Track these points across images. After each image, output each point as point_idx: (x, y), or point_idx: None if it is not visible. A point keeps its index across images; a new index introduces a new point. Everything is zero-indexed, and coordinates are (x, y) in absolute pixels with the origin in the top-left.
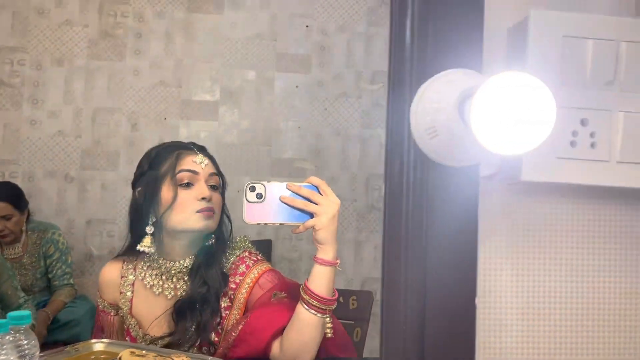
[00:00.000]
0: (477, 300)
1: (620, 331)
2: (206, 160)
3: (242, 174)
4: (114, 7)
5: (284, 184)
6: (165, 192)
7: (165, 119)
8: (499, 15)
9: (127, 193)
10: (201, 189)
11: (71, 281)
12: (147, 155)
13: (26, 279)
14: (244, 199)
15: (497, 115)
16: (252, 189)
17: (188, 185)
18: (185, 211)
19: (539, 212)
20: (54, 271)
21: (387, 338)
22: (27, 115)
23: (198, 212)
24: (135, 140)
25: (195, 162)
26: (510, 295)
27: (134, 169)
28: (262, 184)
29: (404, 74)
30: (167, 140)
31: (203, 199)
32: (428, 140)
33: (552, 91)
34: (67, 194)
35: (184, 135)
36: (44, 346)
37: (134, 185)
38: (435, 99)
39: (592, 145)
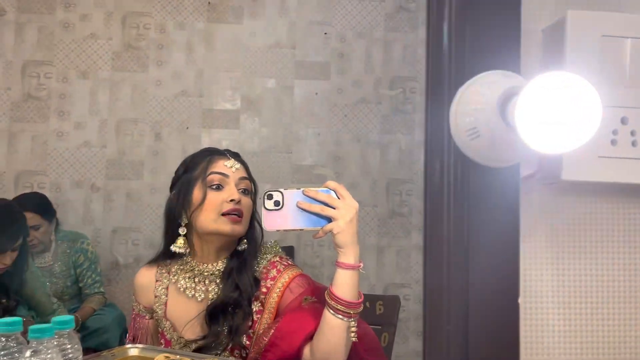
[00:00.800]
0: (520, 300)
1: None
2: (237, 165)
3: (264, 181)
4: (137, 19)
5: (301, 189)
6: (196, 193)
7: (187, 128)
8: (534, 17)
9: (151, 202)
10: (230, 191)
11: (101, 289)
12: (184, 161)
13: (57, 287)
14: (263, 208)
15: (542, 115)
16: (270, 196)
17: (218, 187)
18: (213, 212)
19: (580, 211)
20: (85, 280)
21: (431, 339)
22: (54, 127)
23: (224, 214)
24: (159, 150)
25: (226, 166)
26: (552, 294)
27: (158, 178)
28: (279, 191)
29: (442, 77)
30: (189, 149)
31: (232, 200)
32: (469, 141)
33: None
34: (93, 204)
35: (206, 144)
36: None
37: (171, 189)
38: (475, 100)
39: (633, 143)
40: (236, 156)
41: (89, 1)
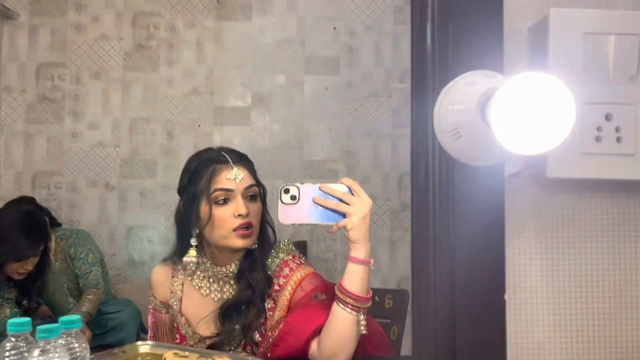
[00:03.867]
0: (506, 296)
1: None
2: (241, 174)
3: (276, 177)
4: (147, 19)
5: (317, 185)
6: (203, 209)
7: (199, 126)
8: (518, 15)
9: (165, 200)
10: (237, 205)
11: (98, 281)
12: (187, 167)
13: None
14: (279, 201)
15: (516, 115)
16: (287, 191)
17: (225, 201)
18: (223, 228)
19: (566, 207)
20: (78, 272)
21: (419, 335)
22: (69, 128)
23: (235, 230)
24: (171, 148)
25: (229, 179)
26: (541, 290)
27: (171, 176)
28: (295, 186)
29: (426, 77)
30: (201, 147)
31: (239, 215)
32: (451, 141)
33: (575, 88)
34: (108, 203)
35: (218, 142)
36: (92, 350)
37: (179, 194)
38: (457, 100)
39: (618, 139)
40: (240, 160)
41: (100, 2)
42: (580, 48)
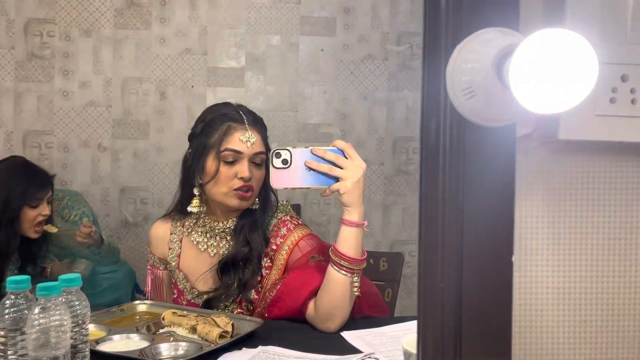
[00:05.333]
0: (513, 258)
1: None
2: (254, 138)
3: (270, 140)
4: None
5: (309, 148)
6: (210, 163)
7: (192, 87)
8: None
9: (158, 161)
10: (242, 168)
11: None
12: (203, 116)
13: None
14: (271, 165)
15: (537, 73)
16: (278, 155)
17: (232, 162)
18: (224, 186)
19: (577, 170)
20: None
21: (425, 296)
22: (59, 87)
23: (235, 190)
24: (164, 109)
25: (241, 141)
26: (548, 252)
27: (163, 137)
28: (287, 149)
29: (439, 34)
30: (195, 108)
31: (242, 178)
32: (464, 100)
33: (592, 47)
34: (100, 164)
35: (211, 103)
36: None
37: (189, 141)
38: (471, 58)
39: (633, 101)
40: (255, 123)
41: None
42: (599, 6)
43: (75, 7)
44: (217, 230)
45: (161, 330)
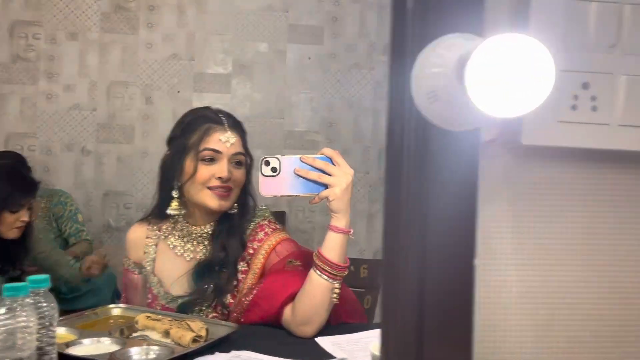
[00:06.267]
0: (476, 262)
1: (619, 292)
2: (233, 139)
3: (255, 147)
4: None
5: (298, 156)
6: (188, 163)
7: (178, 92)
8: None
9: (142, 166)
10: (220, 167)
11: (88, 237)
12: (182, 119)
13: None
14: (260, 174)
15: (491, 77)
16: (267, 163)
17: (210, 160)
18: (201, 185)
19: (540, 176)
20: (67, 230)
21: (387, 300)
22: (44, 89)
23: (211, 189)
24: (150, 114)
25: (220, 141)
26: (512, 256)
27: (149, 142)
28: (276, 157)
29: (405, 39)
30: (180, 113)
31: (220, 178)
32: (428, 105)
33: (554, 54)
34: (84, 167)
35: None
36: (65, 314)
37: (168, 145)
38: (435, 63)
39: (594, 108)
40: (234, 126)
41: None
42: (562, 15)
43: (61, 10)
44: (194, 235)
45: (134, 334)
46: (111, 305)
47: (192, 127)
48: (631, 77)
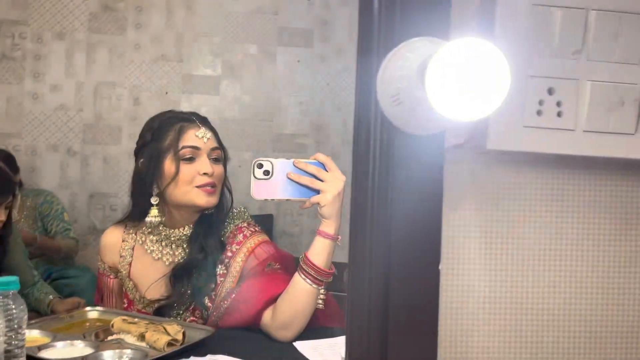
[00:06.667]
0: (440, 267)
1: (585, 296)
2: (208, 134)
3: (244, 149)
4: None
5: (291, 160)
6: (168, 166)
7: (166, 93)
8: None
9: (129, 167)
10: (203, 163)
11: (73, 235)
12: (149, 125)
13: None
14: (252, 176)
15: (451, 80)
16: (260, 166)
17: (190, 159)
18: (187, 185)
19: (507, 180)
20: (53, 229)
21: (352, 304)
22: (30, 89)
23: (199, 187)
24: (137, 115)
25: (197, 137)
26: (478, 261)
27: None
28: (269, 161)
29: (371, 42)
30: None
31: (205, 174)
32: (392, 107)
33: (520, 60)
34: (69, 168)
35: (185, 110)
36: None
37: (137, 154)
38: (399, 66)
39: (559, 114)
40: (205, 122)
41: None
42: (528, 19)
43: (48, 9)
44: (173, 238)
45: (110, 338)
46: (88, 308)
47: (163, 129)
48: (596, 83)
